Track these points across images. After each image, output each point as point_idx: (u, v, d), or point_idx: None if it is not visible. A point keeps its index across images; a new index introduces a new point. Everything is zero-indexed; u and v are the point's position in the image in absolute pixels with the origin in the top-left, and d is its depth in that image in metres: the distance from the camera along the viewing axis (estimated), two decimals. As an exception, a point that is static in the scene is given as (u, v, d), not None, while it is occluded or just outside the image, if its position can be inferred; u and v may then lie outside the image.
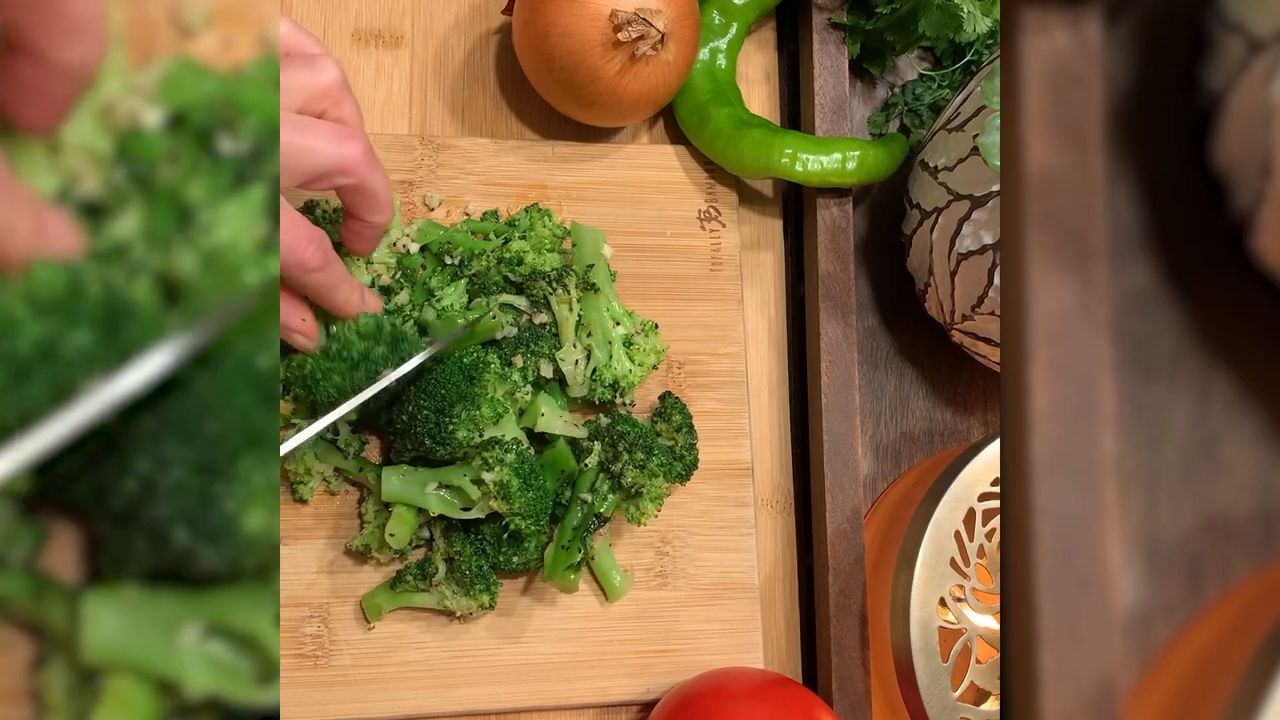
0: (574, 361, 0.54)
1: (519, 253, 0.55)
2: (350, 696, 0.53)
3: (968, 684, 0.52)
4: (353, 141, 0.46)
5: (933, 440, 0.64)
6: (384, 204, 0.50)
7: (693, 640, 0.57)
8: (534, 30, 0.55)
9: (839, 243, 0.60)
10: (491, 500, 0.50)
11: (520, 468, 0.50)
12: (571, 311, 0.54)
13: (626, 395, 0.55)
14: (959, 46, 0.64)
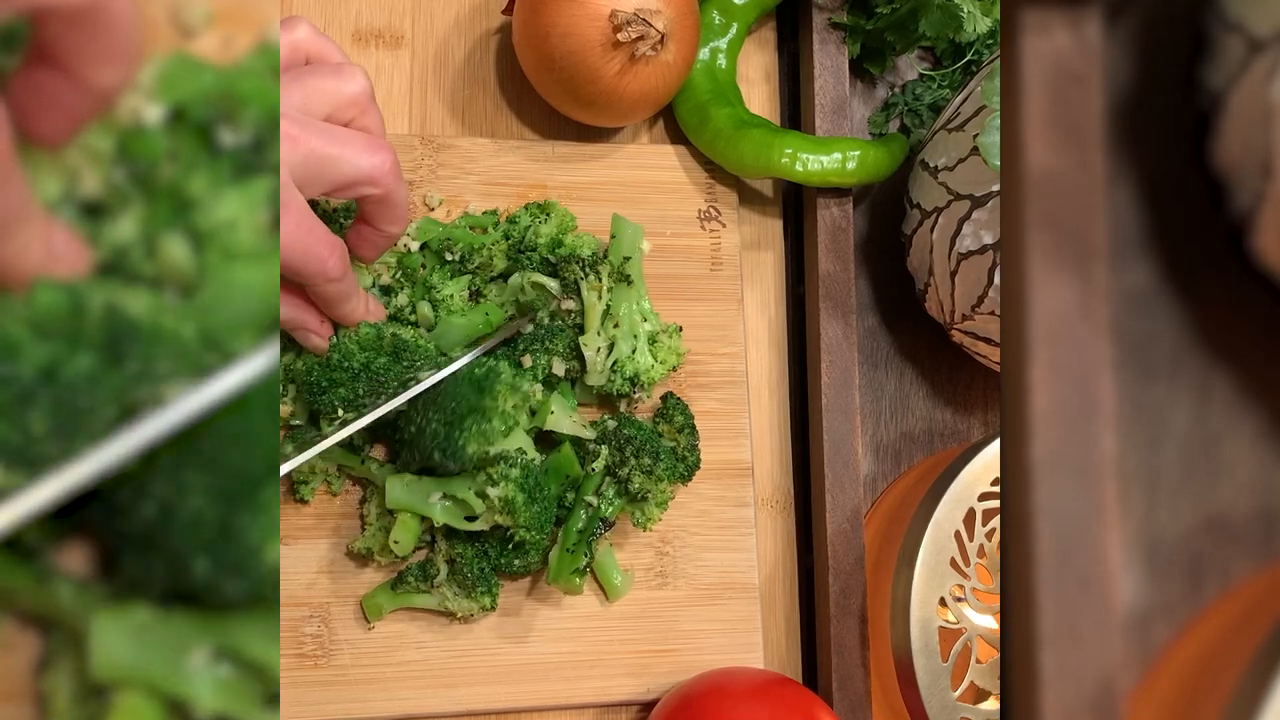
0: (596, 349, 0.54)
1: (558, 234, 0.55)
2: (350, 696, 0.53)
3: (968, 684, 0.52)
4: (383, 152, 0.46)
5: (933, 440, 0.64)
6: (403, 215, 0.49)
7: (693, 640, 0.57)
8: (534, 30, 0.55)
9: (839, 243, 0.60)
10: (496, 515, 0.50)
11: (525, 482, 0.50)
12: (600, 299, 0.54)
13: (644, 391, 0.55)
14: (959, 46, 0.64)
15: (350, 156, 0.45)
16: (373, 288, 0.55)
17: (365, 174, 0.45)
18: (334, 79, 0.46)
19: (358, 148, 0.45)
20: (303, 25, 0.47)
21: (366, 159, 0.45)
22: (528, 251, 0.55)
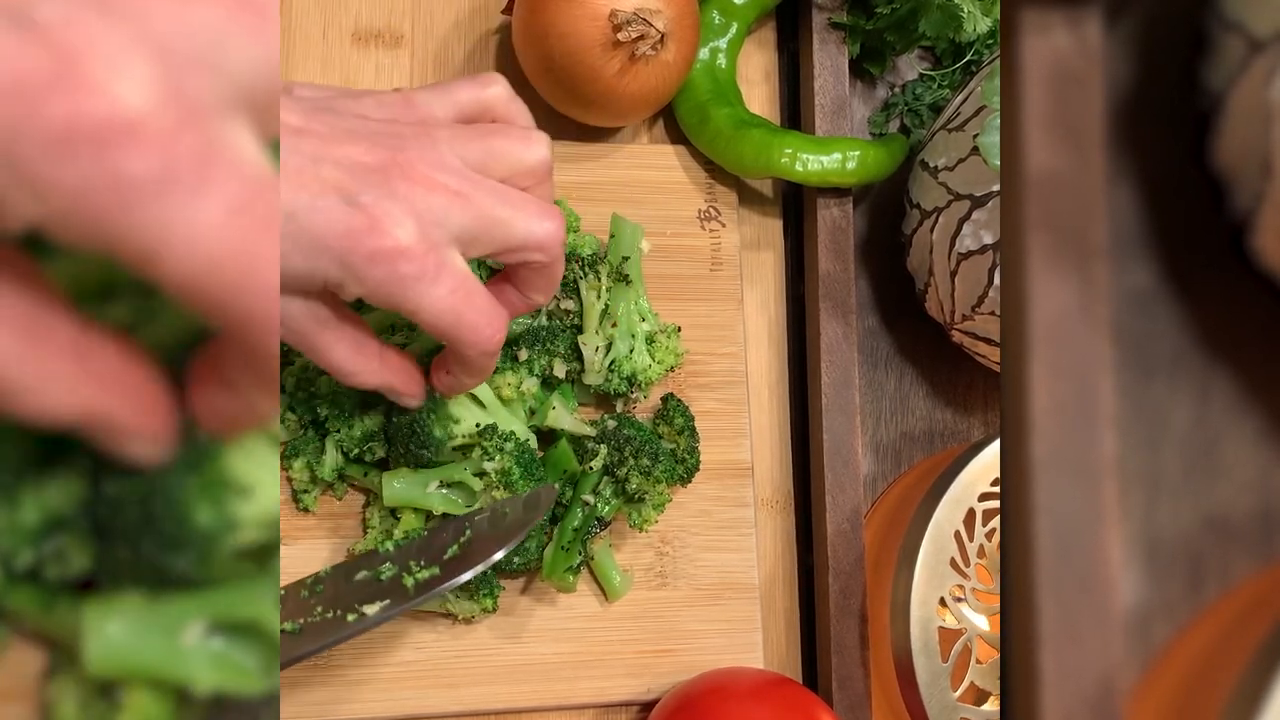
0: (595, 348, 0.54)
1: None
2: (350, 696, 0.53)
3: (968, 684, 0.52)
4: (557, 219, 0.44)
5: (933, 440, 0.64)
6: (556, 285, 0.47)
7: (693, 640, 0.57)
8: (534, 30, 0.55)
9: (839, 243, 0.60)
10: (494, 490, 0.50)
11: (521, 457, 0.50)
12: (599, 299, 0.54)
13: (642, 391, 0.55)
14: (959, 46, 0.64)
15: (523, 221, 0.43)
16: None
17: (536, 240, 0.43)
18: (520, 144, 0.44)
19: (531, 212, 0.43)
20: (498, 83, 0.46)
21: (539, 224, 0.43)
22: None
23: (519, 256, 0.44)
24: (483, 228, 0.42)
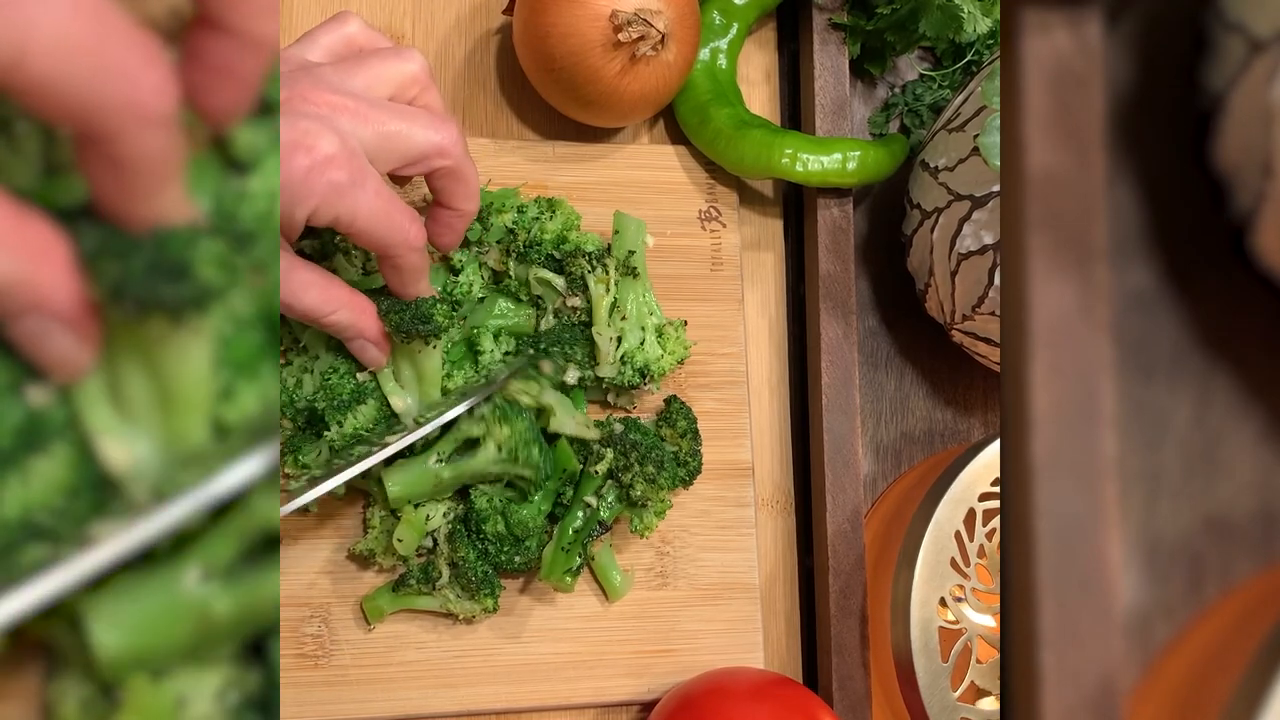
0: (609, 338, 0.54)
1: (563, 231, 0.56)
2: (350, 696, 0.53)
3: (968, 684, 0.52)
4: (449, 124, 0.47)
5: (933, 440, 0.64)
6: (475, 190, 0.50)
7: (693, 640, 0.57)
8: (534, 31, 0.55)
9: (839, 243, 0.60)
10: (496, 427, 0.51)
11: (527, 432, 0.52)
12: (608, 293, 0.54)
13: (654, 383, 0.55)
14: (959, 46, 0.64)
15: (418, 130, 0.46)
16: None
17: (435, 145, 0.47)
18: (394, 60, 0.47)
19: (424, 121, 0.46)
20: (354, 20, 0.49)
21: (434, 132, 0.46)
22: (534, 247, 0.55)
23: (425, 165, 0.47)
24: (384, 142, 0.45)
